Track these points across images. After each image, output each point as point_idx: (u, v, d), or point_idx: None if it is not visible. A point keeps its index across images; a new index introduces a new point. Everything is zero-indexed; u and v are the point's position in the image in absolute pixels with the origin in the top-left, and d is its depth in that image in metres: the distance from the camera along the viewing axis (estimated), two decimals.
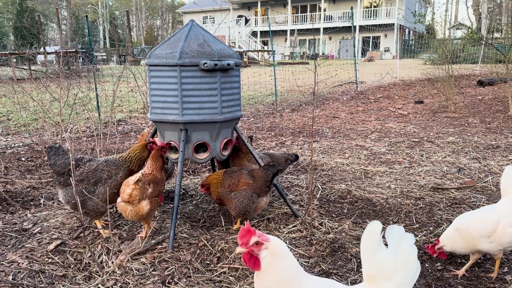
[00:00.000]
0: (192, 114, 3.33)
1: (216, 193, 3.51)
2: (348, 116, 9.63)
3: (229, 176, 3.52)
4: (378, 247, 1.58)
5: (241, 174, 3.53)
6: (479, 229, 2.67)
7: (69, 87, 6.08)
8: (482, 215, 2.76)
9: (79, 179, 3.28)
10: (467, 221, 2.76)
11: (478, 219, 2.74)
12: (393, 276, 1.57)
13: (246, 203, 3.42)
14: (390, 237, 1.62)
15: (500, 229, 2.64)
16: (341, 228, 3.57)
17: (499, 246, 2.66)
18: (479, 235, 2.67)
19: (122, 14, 67.69)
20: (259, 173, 3.49)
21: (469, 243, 2.72)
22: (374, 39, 43.53)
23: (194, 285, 2.73)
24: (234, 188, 3.44)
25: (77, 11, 56.22)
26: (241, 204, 3.42)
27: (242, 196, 3.41)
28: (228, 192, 3.45)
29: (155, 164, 3.23)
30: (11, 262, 3.04)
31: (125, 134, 7.92)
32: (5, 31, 52.78)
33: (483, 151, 6.02)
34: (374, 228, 1.58)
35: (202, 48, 3.29)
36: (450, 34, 20.92)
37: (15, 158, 6.09)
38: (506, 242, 2.64)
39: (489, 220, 2.68)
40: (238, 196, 3.42)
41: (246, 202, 3.42)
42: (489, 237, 2.65)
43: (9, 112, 9.50)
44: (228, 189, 3.45)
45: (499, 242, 2.65)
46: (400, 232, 1.63)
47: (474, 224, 2.71)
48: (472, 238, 2.69)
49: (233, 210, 3.47)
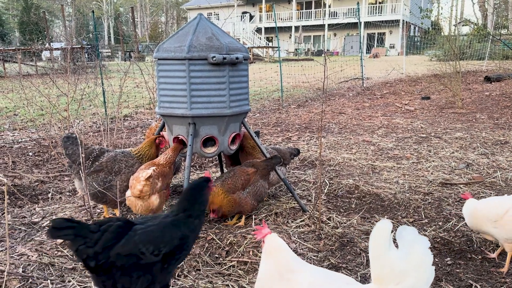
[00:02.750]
0: (201, 108, 3.33)
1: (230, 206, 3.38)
2: (355, 112, 9.59)
3: (234, 178, 3.45)
4: (388, 247, 1.51)
5: (243, 170, 3.55)
6: (488, 212, 2.77)
7: (76, 82, 6.09)
8: (496, 200, 2.90)
9: (99, 169, 3.34)
10: (483, 202, 2.89)
11: (490, 202, 2.86)
12: (402, 280, 1.49)
13: (262, 190, 3.57)
14: (402, 238, 1.54)
15: (507, 216, 2.69)
16: (349, 223, 3.56)
17: (503, 233, 2.70)
18: (486, 218, 2.76)
19: (126, 11, 67.74)
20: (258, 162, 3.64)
21: (477, 223, 2.84)
22: (379, 35, 43.30)
23: (203, 278, 2.73)
24: (246, 184, 3.46)
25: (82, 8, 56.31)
26: (257, 194, 3.52)
27: (257, 187, 3.48)
28: (242, 191, 3.45)
29: (173, 157, 3.27)
30: (21, 255, 3.05)
31: (132, 130, 7.94)
32: (11, 28, 52.97)
33: (491, 146, 5.98)
34: (383, 227, 1.51)
35: (210, 42, 3.27)
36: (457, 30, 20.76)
37: (22, 153, 6.12)
38: (509, 230, 2.68)
39: (499, 205, 2.76)
40: (253, 189, 3.47)
41: (262, 190, 3.57)
42: (495, 221, 2.72)
43: (16, 107, 9.54)
44: (242, 188, 3.45)
45: (503, 229, 2.70)
46: (413, 234, 1.54)
47: (485, 206, 2.81)
48: (481, 218, 2.80)
49: (249, 206, 3.47)
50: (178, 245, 2.06)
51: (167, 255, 2.02)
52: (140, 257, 1.96)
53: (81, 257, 1.92)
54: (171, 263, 2.07)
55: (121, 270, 1.94)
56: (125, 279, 1.96)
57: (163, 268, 2.03)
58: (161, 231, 2.04)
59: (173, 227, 2.08)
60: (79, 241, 1.90)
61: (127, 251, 1.93)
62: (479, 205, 2.87)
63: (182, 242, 2.07)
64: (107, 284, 1.97)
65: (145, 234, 2.00)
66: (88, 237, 1.91)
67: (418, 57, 27.10)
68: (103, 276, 1.95)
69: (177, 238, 2.05)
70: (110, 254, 1.91)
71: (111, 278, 1.95)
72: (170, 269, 2.10)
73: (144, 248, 1.96)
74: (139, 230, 2.01)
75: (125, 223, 2.02)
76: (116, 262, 1.92)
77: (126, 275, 1.96)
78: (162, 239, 2.02)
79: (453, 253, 3.08)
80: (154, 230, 2.04)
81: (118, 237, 1.95)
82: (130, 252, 1.94)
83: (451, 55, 11.45)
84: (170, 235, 2.05)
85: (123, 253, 1.93)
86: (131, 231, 2.00)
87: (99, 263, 1.90)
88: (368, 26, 39.69)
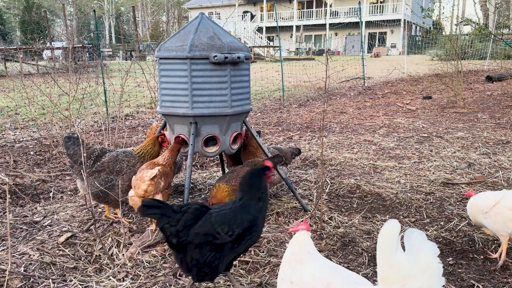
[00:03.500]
0: (202, 107, 3.32)
1: None
2: (356, 111, 9.58)
3: (237, 179, 3.38)
4: (396, 249, 1.51)
5: (245, 170, 3.51)
6: (481, 203, 2.90)
7: (77, 82, 6.10)
8: (490, 193, 3.03)
9: (101, 169, 3.33)
10: (479, 195, 3.01)
11: (485, 195, 3.00)
12: (408, 282, 1.49)
13: None
14: (410, 242, 1.54)
15: (496, 207, 2.80)
16: (351, 223, 3.56)
17: (494, 224, 2.81)
18: (479, 209, 2.89)
19: (127, 10, 67.74)
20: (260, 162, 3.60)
21: (473, 214, 2.95)
22: (380, 35, 43.26)
23: None
24: None
25: (83, 7, 56.31)
26: None
27: None
28: None
29: (172, 157, 3.25)
30: (23, 254, 3.06)
31: (133, 129, 7.94)
32: (12, 27, 53.02)
33: (493, 146, 5.97)
34: (391, 228, 1.51)
35: (212, 41, 3.27)
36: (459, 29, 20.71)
37: (24, 152, 6.13)
38: (498, 222, 2.79)
39: (490, 198, 2.89)
40: None
41: None
42: (486, 212, 2.84)
43: (18, 107, 9.55)
44: None
45: (493, 220, 2.80)
46: (421, 238, 1.53)
47: (480, 198, 2.95)
48: (475, 209, 2.93)
49: None
50: (248, 226, 2.28)
51: (239, 235, 2.25)
52: (216, 237, 2.20)
53: (165, 234, 2.18)
54: (241, 243, 2.29)
55: (197, 248, 2.20)
56: (199, 256, 2.20)
57: (232, 247, 2.27)
58: (234, 214, 2.28)
59: (243, 211, 2.30)
60: (164, 220, 2.17)
61: (204, 230, 2.19)
62: (475, 198, 2.99)
63: (253, 224, 2.30)
64: (184, 260, 2.23)
65: (220, 216, 2.25)
66: (172, 217, 2.18)
67: (419, 57, 27.05)
68: (182, 253, 2.22)
69: (248, 221, 2.28)
70: (189, 233, 2.17)
71: (188, 255, 2.21)
72: (238, 249, 2.32)
73: (219, 229, 2.20)
74: (214, 213, 2.27)
75: (201, 207, 2.29)
76: (194, 240, 2.18)
77: (201, 253, 2.20)
78: (235, 221, 2.25)
79: (455, 253, 3.07)
80: (227, 213, 2.28)
81: (196, 218, 2.22)
82: (207, 232, 2.19)
83: (452, 54, 11.42)
84: (241, 217, 2.27)
85: (201, 232, 2.18)
86: (207, 214, 2.26)
87: (180, 240, 2.16)
88: (370, 26, 39.66)
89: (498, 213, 2.78)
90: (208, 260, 2.21)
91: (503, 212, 2.76)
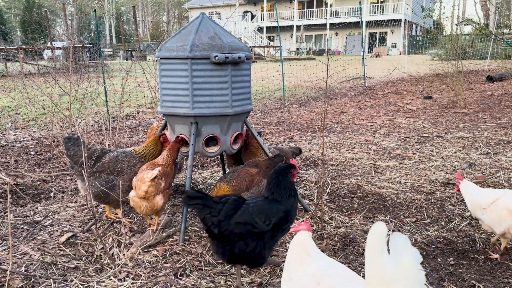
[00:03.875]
0: (203, 108, 3.32)
1: None
2: (357, 111, 9.58)
3: (238, 179, 3.42)
4: (382, 251, 1.50)
5: (247, 170, 3.52)
6: (480, 200, 3.02)
7: (78, 81, 6.09)
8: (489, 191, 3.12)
9: (101, 169, 3.33)
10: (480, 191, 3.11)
11: (486, 192, 3.09)
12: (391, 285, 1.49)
13: None
14: (394, 245, 1.53)
15: (494, 205, 2.92)
16: (351, 223, 3.56)
17: (490, 220, 2.94)
18: (479, 205, 3.01)
19: (128, 10, 67.75)
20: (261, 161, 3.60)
21: (473, 209, 3.07)
22: (381, 35, 43.24)
23: (205, 278, 2.73)
24: (250, 185, 3.43)
25: (83, 7, 56.32)
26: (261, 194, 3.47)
27: (261, 187, 3.46)
28: (246, 192, 3.43)
29: (171, 157, 3.25)
30: (23, 254, 3.06)
31: (133, 129, 7.94)
32: (12, 27, 53.03)
33: (494, 146, 5.96)
34: (379, 231, 1.51)
35: (213, 41, 3.27)
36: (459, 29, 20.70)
37: (24, 152, 6.13)
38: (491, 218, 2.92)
39: (489, 196, 2.99)
40: (257, 190, 3.44)
41: None
42: (483, 209, 2.97)
43: (18, 106, 9.55)
44: (246, 189, 3.43)
45: (489, 216, 2.93)
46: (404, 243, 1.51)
47: (480, 195, 3.05)
48: (475, 205, 3.04)
49: None
50: (283, 216, 2.45)
51: (276, 225, 2.42)
52: (255, 226, 2.36)
53: (206, 224, 2.32)
54: (278, 232, 2.47)
55: (238, 237, 2.35)
56: (241, 244, 2.36)
57: (273, 236, 2.44)
58: (269, 205, 2.45)
59: (276, 203, 2.47)
60: (206, 211, 2.30)
61: (244, 220, 2.34)
62: (476, 193, 3.08)
63: (287, 214, 2.48)
64: (226, 248, 2.38)
65: (257, 207, 2.41)
66: (213, 207, 2.31)
67: (420, 57, 27.03)
68: (223, 242, 2.37)
69: (282, 211, 2.45)
70: (230, 222, 2.31)
71: (229, 244, 2.36)
72: (277, 238, 2.50)
73: (257, 218, 2.36)
74: (251, 204, 2.43)
75: (239, 197, 2.46)
76: (234, 229, 2.32)
77: (242, 241, 2.35)
78: (271, 211, 2.42)
79: (456, 253, 3.07)
80: (263, 204, 2.45)
81: (235, 209, 2.36)
82: (246, 221, 2.34)
83: (453, 54, 11.41)
84: (276, 208, 2.45)
85: (241, 221, 2.33)
86: (245, 205, 2.42)
87: (221, 229, 2.30)
88: (370, 25, 39.64)
89: (494, 210, 2.90)
90: (252, 248, 2.37)
91: (500, 211, 2.87)
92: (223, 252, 2.41)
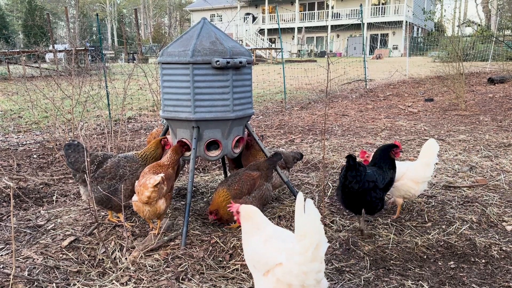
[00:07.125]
0: (204, 112, 3.35)
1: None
2: (358, 114, 9.59)
3: (240, 183, 3.42)
4: (301, 213, 1.97)
5: (249, 174, 3.52)
6: None
7: (80, 85, 6.13)
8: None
9: (103, 175, 3.35)
10: None
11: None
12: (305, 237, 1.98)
13: (267, 194, 3.57)
14: (307, 208, 1.99)
15: (401, 179, 3.63)
16: (352, 226, 3.57)
17: (397, 192, 3.68)
18: None
19: (129, 13, 67.97)
20: (261, 163, 3.64)
21: None
22: (382, 37, 43.28)
23: (207, 282, 2.74)
24: (252, 189, 3.44)
25: (85, 10, 56.51)
26: (263, 198, 3.52)
27: (262, 191, 3.47)
28: (248, 196, 3.44)
29: (173, 158, 3.28)
30: (26, 258, 3.08)
31: (135, 132, 7.97)
32: (15, 30, 53.23)
33: (495, 149, 5.97)
34: (300, 200, 2.01)
35: (214, 46, 3.29)
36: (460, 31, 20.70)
37: (27, 155, 6.16)
38: (402, 190, 3.66)
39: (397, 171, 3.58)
40: (259, 193, 3.46)
41: (267, 193, 3.57)
42: None
43: (21, 110, 9.60)
44: (248, 193, 3.44)
45: (397, 188, 3.65)
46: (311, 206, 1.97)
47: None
48: None
49: None
50: (389, 180, 3.40)
51: (387, 184, 3.36)
52: (377, 184, 3.24)
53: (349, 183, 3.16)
54: (386, 190, 3.43)
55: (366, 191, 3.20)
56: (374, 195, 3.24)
57: (383, 191, 3.34)
58: (382, 171, 3.38)
59: (383, 172, 3.38)
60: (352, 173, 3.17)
61: (372, 179, 3.21)
62: None
63: (392, 180, 3.45)
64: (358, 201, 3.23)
65: (375, 172, 3.31)
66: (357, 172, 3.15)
67: (421, 58, 27.06)
68: (356, 196, 3.20)
69: (389, 177, 3.40)
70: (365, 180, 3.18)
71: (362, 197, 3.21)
72: (383, 196, 3.34)
73: (379, 178, 3.29)
74: (371, 170, 3.30)
75: (363, 166, 3.27)
76: (368, 185, 3.19)
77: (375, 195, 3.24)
78: (384, 175, 3.35)
79: (456, 256, 3.08)
80: (377, 171, 3.35)
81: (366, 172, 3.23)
82: (373, 180, 3.22)
83: (454, 56, 11.43)
84: (384, 174, 3.37)
85: (370, 180, 3.20)
86: (369, 170, 3.28)
87: (360, 184, 3.15)
88: (371, 27, 39.71)
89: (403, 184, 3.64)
90: (379, 196, 3.26)
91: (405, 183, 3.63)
92: (352, 205, 3.27)
